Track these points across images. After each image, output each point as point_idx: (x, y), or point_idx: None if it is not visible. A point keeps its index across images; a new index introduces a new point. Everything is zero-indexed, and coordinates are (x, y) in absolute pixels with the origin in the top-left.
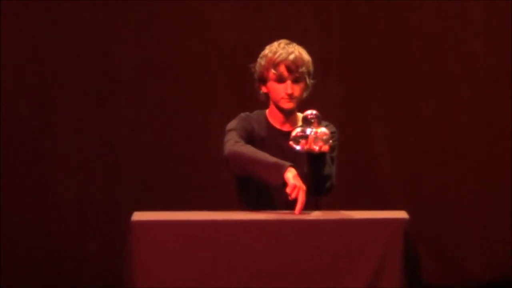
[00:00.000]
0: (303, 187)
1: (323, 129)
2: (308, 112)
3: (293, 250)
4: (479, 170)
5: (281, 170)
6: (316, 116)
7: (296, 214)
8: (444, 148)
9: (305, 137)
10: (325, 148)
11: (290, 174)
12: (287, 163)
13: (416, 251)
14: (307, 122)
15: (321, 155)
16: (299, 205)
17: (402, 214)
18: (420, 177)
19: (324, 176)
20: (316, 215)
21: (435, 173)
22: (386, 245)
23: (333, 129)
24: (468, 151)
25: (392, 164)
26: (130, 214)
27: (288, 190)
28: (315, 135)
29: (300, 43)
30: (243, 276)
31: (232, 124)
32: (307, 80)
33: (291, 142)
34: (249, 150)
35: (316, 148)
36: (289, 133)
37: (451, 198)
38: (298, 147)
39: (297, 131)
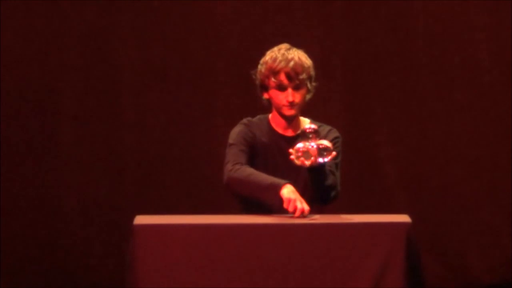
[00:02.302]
0: (300, 199)
1: (320, 142)
2: (307, 126)
3: (295, 254)
4: (482, 174)
5: (277, 190)
6: (315, 131)
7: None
8: (447, 152)
9: (304, 151)
10: (323, 161)
11: (286, 191)
12: (282, 181)
13: (418, 254)
14: (305, 136)
15: (321, 167)
16: (297, 213)
17: (404, 218)
18: (422, 180)
19: (328, 187)
20: (318, 219)
21: (437, 177)
22: (389, 249)
23: (337, 134)
24: (471, 155)
25: (394, 168)
26: (133, 218)
27: (285, 205)
28: (313, 149)
29: (303, 46)
30: (244, 280)
31: (232, 134)
32: (309, 85)
33: (292, 157)
34: (246, 174)
35: (309, 163)
36: (292, 138)
37: (453, 202)
38: (297, 162)
39: (297, 146)
